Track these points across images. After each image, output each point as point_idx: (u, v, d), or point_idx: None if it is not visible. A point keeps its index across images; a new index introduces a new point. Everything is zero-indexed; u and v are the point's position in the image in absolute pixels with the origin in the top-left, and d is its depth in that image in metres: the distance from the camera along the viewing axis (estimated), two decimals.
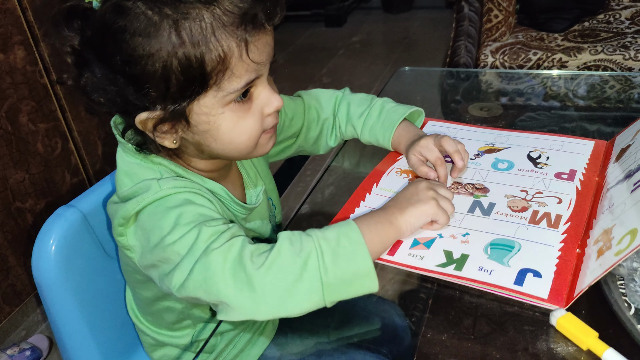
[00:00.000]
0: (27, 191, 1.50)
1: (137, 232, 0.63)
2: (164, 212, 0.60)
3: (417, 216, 0.65)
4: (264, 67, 0.62)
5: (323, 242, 0.56)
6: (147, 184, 0.62)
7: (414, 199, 0.67)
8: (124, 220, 0.62)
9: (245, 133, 0.64)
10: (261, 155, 0.69)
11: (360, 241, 0.57)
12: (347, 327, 0.73)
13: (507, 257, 0.63)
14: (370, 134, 0.88)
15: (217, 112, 0.61)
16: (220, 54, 0.57)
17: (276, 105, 0.64)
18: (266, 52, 0.61)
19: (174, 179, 0.64)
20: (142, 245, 0.62)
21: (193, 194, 0.63)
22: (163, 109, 0.59)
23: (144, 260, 0.62)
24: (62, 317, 0.78)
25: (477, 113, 1.01)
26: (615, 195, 0.65)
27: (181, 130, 0.62)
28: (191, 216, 0.59)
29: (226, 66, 0.58)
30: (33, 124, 1.50)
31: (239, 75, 0.59)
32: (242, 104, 0.62)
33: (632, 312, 0.55)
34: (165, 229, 0.59)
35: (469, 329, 0.57)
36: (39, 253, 0.75)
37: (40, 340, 1.50)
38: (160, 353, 0.81)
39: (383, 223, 0.63)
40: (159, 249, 0.59)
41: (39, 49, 1.49)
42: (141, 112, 0.60)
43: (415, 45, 3.43)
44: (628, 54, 1.64)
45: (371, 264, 0.57)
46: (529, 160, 0.82)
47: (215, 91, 0.59)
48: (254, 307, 0.54)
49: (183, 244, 0.57)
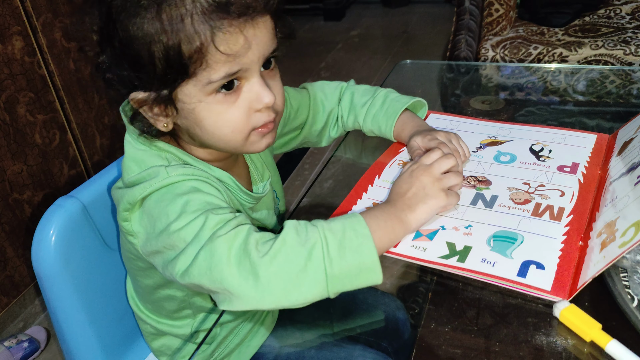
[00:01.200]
0: (25, 183, 1.50)
1: (143, 218, 0.63)
2: (171, 199, 0.60)
3: (428, 212, 0.65)
4: (249, 59, 0.59)
5: (329, 234, 0.56)
6: (155, 170, 0.62)
7: (421, 194, 0.66)
8: (129, 205, 0.62)
9: (228, 126, 0.63)
10: (256, 152, 0.68)
11: (367, 234, 0.57)
12: (347, 320, 0.73)
13: (510, 249, 0.63)
14: (372, 122, 0.87)
15: (199, 101, 0.61)
16: (197, 43, 0.56)
17: (265, 102, 0.62)
18: (247, 45, 0.58)
19: (182, 166, 0.64)
20: (146, 231, 0.62)
21: (201, 181, 0.63)
22: (150, 91, 0.60)
23: (148, 247, 0.62)
24: (61, 308, 0.78)
25: (479, 106, 1.01)
26: (619, 188, 0.65)
27: (171, 114, 0.62)
28: (198, 204, 0.59)
29: (202, 56, 0.57)
30: (31, 115, 1.49)
31: (215, 66, 0.58)
32: (228, 95, 0.61)
33: (635, 304, 0.55)
34: (172, 216, 0.59)
35: (472, 320, 0.57)
36: (39, 243, 0.75)
37: (38, 332, 1.50)
38: (159, 342, 0.81)
39: (392, 220, 0.63)
40: (165, 235, 0.59)
41: (38, 40, 1.48)
42: (134, 90, 0.61)
43: (414, 40, 3.42)
44: (629, 49, 1.64)
45: (376, 258, 0.56)
46: (532, 153, 0.81)
47: (194, 80, 0.59)
48: (257, 296, 0.54)
49: (189, 230, 0.57)
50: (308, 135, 0.92)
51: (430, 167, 0.68)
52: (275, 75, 0.67)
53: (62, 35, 1.55)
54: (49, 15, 1.51)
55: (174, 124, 0.64)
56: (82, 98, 1.64)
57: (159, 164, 0.64)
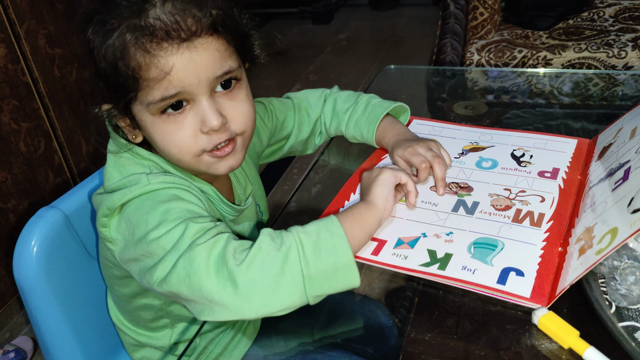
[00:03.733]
0: (10, 191, 1.48)
1: (121, 225, 0.62)
2: (151, 206, 0.60)
3: (382, 185, 0.67)
4: (189, 83, 0.59)
5: (303, 236, 0.56)
6: (136, 177, 0.62)
7: (370, 180, 0.69)
8: (108, 211, 0.62)
9: (175, 146, 0.62)
10: (219, 174, 0.67)
11: (341, 234, 0.57)
12: (332, 327, 0.73)
13: (491, 256, 0.63)
14: (355, 127, 0.88)
15: (147, 120, 0.62)
16: (132, 64, 0.57)
17: (210, 125, 0.61)
18: (183, 68, 0.58)
19: (163, 174, 0.64)
20: (125, 238, 0.62)
21: (182, 190, 0.63)
22: (112, 103, 0.62)
23: (125, 254, 0.62)
24: (44, 319, 0.77)
25: (462, 112, 1.02)
26: (597, 193, 0.66)
27: (135, 127, 0.64)
28: (179, 212, 0.59)
29: (138, 77, 0.58)
30: (15, 123, 1.47)
31: (151, 88, 0.58)
32: (175, 115, 0.61)
33: (612, 310, 0.55)
34: (151, 223, 0.58)
35: (453, 328, 0.58)
36: (20, 255, 0.74)
37: (24, 342, 1.49)
38: (140, 354, 0.80)
39: (359, 209, 0.65)
40: (144, 243, 0.58)
41: (21, 47, 1.47)
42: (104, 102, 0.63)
43: (402, 43, 3.43)
44: (611, 52, 1.66)
45: (352, 257, 0.56)
46: (513, 158, 0.82)
47: (138, 100, 0.60)
48: (236, 304, 0.54)
49: (169, 238, 0.57)
50: (294, 145, 0.92)
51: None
52: (237, 95, 0.65)
53: (46, 42, 1.54)
54: (32, 21, 1.50)
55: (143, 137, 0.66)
56: (67, 105, 1.63)
57: (140, 171, 0.64)
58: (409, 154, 0.78)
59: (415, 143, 0.79)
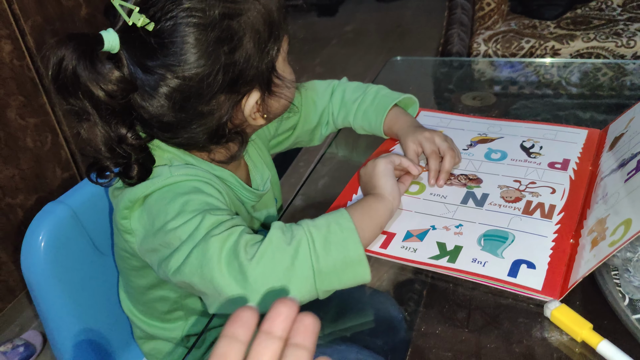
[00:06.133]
0: (18, 187, 1.49)
1: (142, 216, 0.63)
2: (172, 197, 0.60)
3: (382, 175, 0.67)
4: None
5: (314, 230, 0.56)
6: (158, 170, 0.63)
7: (367, 175, 0.70)
8: (130, 203, 0.62)
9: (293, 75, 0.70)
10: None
11: (351, 227, 0.57)
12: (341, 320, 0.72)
13: (501, 248, 0.63)
14: (363, 117, 0.87)
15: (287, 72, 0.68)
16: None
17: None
18: None
19: (185, 167, 0.64)
20: (145, 229, 0.62)
21: (203, 182, 0.63)
22: (260, 79, 0.63)
23: (145, 244, 0.63)
24: (52, 314, 0.77)
25: (470, 102, 1.01)
26: (609, 184, 0.65)
27: (265, 100, 0.66)
28: (197, 204, 0.59)
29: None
30: (22, 118, 1.48)
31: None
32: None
33: (626, 302, 0.54)
34: (170, 214, 0.59)
35: (463, 321, 0.57)
36: (28, 250, 0.74)
37: (34, 337, 1.49)
38: (150, 346, 0.81)
39: (368, 201, 0.65)
40: (162, 233, 0.59)
41: (26, 43, 1.47)
42: (240, 100, 0.63)
43: (409, 34, 3.41)
44: (620, 41, 1.64)
45: (362, 251, 0.56)
46: (522, 150, 0.81)
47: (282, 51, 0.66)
48: (246, 297, 0.54)
49: (185, 229, 0.57)
50: (301, 135, 0.91)
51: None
52: None
53: (52, 37, 1.53)
54: (38, 17, 1.49)
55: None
56: None
57: (162, 164, 0.64)
58: (424, 138, 0.77)
59: (432, 131, 0.79)
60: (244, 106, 0.63)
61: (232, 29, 0.58)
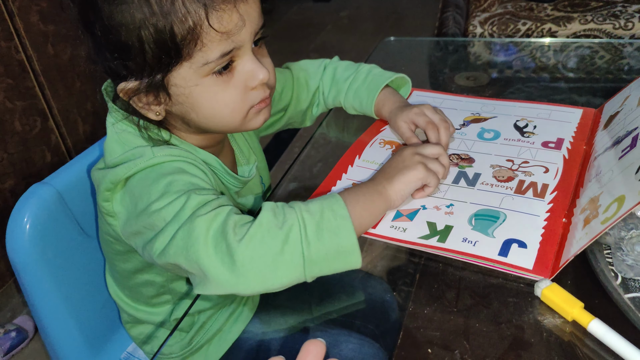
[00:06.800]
0: (6, 171, 1.47)
1: (125, 198, 0.61)
2: (155, 178, 0.59)
3: (407, 183, 0.63)
4: (243, 37, 0.59)
5: (306, 215, 0.54)
6: (140, 150, 0.61)
7: (400, 166, 0.65)
8: (112, 185, 0.61)
9: (227, 107, 0.62)
10: (253, 129, 0.67)
11: (345, 215, 0.55)
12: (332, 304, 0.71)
13: (492, 227, 0.62)
14: (354, 96, 0.85)
15: (194, 84, 0.59)
16: (190, 24, 0.55)
17: (260, 78, 0.62)
18: (241, 22, 0.58)
19: (168, 147, 0.63)
20: (127, 211, 0.61)
21: (187, 163, 0.62)
22: (141, 79, 0.58)
23: (128, 227, 0.61)
24: (40, 298, 0.76)
25: (464, 82, 0.99)
26: (603, 162, 0.64)
27: (164, 101, 0.61)
28: (182, 184, 0.58)
29: (196, 36, 0.56)
30: (10, 101, 1.45)
31: (210, 46, 0.57)
32: (222, 76, 0.60)
33: (618, 281, 0.53)
34: (154, 195, 0.57)
35: (452, 301, 0.56)
36: (13, 232, 0.73)
37: (25, 322, 1.49)
38: (138, 330, 0.80)
39: (371, 194, 0.62)
40: (145, 215, 0.57)
41: (14, 24, 1.44)
42: (122, 81, 0.59)
43: (404, 20, 3.38)
44: (618, 23, 1.62)
45: (355, 240, 0.55)
46: (516, 129, 0.79)
47: (189, 62, 0.58)
48: (232, 280, 0.52)
49: (170, 210, 0.56)
50: (293, 116, 0.90)
51: (415, 146, 0.68)
52: (264, 51, 0.66)
53: (40, 18, 1.51)
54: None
55: (165, 111, 0.63)
56: (62, 84, 1.60)
57: (144, 144, 0.63)
58: (414, 114, 0.76)
59: (421, 105, 0.77)
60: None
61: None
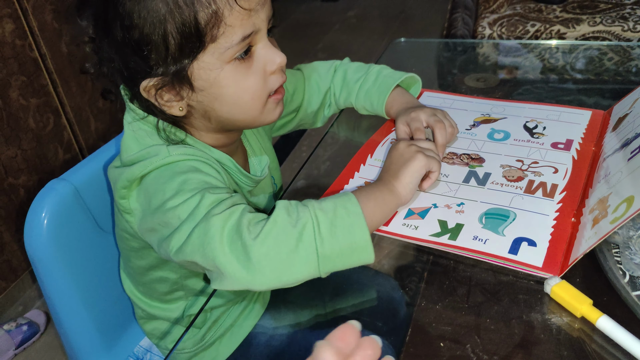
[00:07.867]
0: (20, 167, 1.49)
1: (140, 196, 0.63)
2: (169, 176, 0.60)
3: (412, 174, 0.65)
4: (260, 19, 0.61)
5: (320, 213, 0.56)
6: (155, 149, 0.63)
7: (401, 160, 0.66)
8: (128, 183, 0.62)
9: (249, 92, 0.63)
10: (270, 123, 0.69)
11: (358, 212, 0.56)
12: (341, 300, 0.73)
13: (502, 226, 0.63)
14: (365, 97, 0.87)
15: (218, 70, 0.61)
16: (213, 7, 0.57)
17: (278, 62, 0.63)
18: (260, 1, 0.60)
19: (183, 146, 0.64)
20: (143, 208, 0.62)
21: (201, 162, 0.63)
22: (165, 73, 0.60)
23: (143, 224, 0.62)
24: (56, 291, 0.77)
25: (473, 84, 1.00)
26: (612, 164, 0.65)
27: (186, 95, 0.62)
28: (196, 183, 0.59)
29: (219, 19, 0.58)
30: (24, 99, 1.47)
31: (233, 28, 0.58)
32: (243, 62, 0.62)
33: (626, 279, 0.55)
34: (168, 193, 0.59)
35: (463, 298, 0.57)
36: (31, 227, 0.74)
37: (37, 315, 1.51)
38: (151, 326, 0.81)
39: (382, 192, 0.63)
40: (160, 213, 0.59)
41: (29, 22, 1.46)
42: (144, 79, 0.61)
43: (412, 19, 3.38)
44: (627, 25, 1.62)
45: (368, 237, 0.56)
46: (525, 130, 0.81)
47: (213, 48, 0.59)
48: (248, 277, 0.54)
49: (185, 208, 0.57)
50: (304, 117, 0.91)
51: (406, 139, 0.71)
52: (275, 42, 0.67)
53: (53, 17, 1.53)
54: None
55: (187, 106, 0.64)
56: (75, 81, 1.63)
57: (159, 143, 0.64)
58: (410, 118, 0.77)
59: (419, 109, 0.78)
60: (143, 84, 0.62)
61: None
